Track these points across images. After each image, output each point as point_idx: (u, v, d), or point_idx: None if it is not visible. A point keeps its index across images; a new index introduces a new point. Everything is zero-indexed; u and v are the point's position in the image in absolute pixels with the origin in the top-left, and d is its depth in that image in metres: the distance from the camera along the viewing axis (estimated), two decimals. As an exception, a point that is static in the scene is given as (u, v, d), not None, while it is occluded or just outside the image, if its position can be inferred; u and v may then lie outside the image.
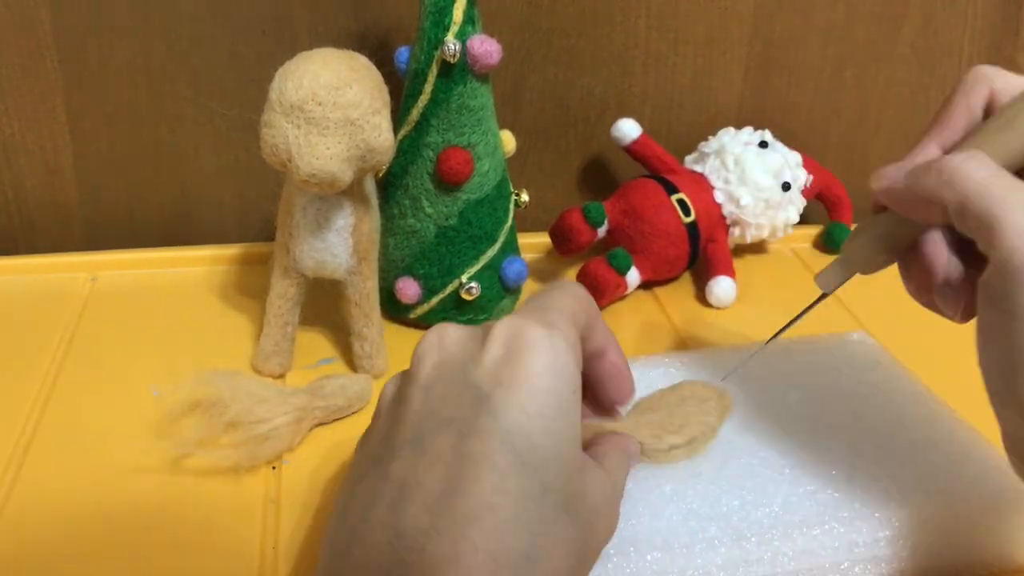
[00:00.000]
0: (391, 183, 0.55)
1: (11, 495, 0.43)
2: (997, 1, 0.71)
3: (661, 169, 0.65)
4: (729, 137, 0.65)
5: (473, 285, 0.55)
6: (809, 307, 0.44)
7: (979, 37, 0.72)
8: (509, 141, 0.57)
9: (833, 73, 0.71)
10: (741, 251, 0.68)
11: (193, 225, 0.67)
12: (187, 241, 0.66)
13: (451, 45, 0.50)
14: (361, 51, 0.47)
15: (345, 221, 0.49)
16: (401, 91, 0.54)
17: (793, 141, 0.68)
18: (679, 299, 0.63)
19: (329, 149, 0.44)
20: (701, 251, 0.63)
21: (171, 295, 0.60)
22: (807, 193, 0.67)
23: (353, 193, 0.49)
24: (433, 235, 0.54)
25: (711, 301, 0.62)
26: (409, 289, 0.55)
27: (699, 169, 0.65)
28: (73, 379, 0.52)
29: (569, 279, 0.63)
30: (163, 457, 0.45)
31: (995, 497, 0.40)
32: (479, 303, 0.56)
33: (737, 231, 0.64)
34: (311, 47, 0.46)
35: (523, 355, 0.32)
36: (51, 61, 0.61)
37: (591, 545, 0.33)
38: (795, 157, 0.65)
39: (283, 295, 0.51)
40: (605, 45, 0.66)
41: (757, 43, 0.69)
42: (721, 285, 0.61)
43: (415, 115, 0.52)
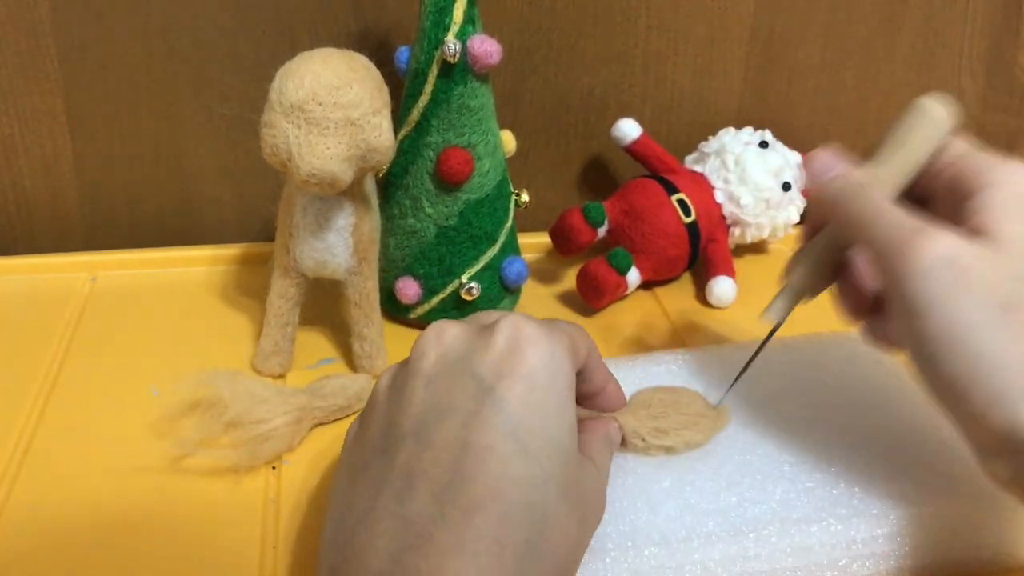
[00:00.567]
0: (391, 183, 0.55)
1: (11, 495, 0.43)
2: (997, 1, 0.71)
3: (661, 169, 0.65)
4: (729, 137, 0.65)
5: (473, 285, 0.55)
6: (764, 342, 0.45)
7: (979, 37, 0.72)
8: (509, 141, 0.57)
9: (833, 73, 0.71)
10: (741, 251, 0.68)
11: (193, 225, 0.67)
12: (187, 241, 0.66)
13: (451, 45, 0.50)
14: (361, 51, 0.47)
15: (345, 221, 0.49)
16: (401, 91, 0.54)
17: (793, 141, 0.68)
18: (679, 299, 0.63)
19: (329, 149, 0.44)
20: (701, 251, 0.63)
21: (171, 295, 0.60)
22: (807, 193, 0.67)
23: (353, 193, 0.49)
24: (433, 235, 0.54)
25: (711, 301, 0.62)
26: (409, 289, 0.55)
27: (699, 169, 0.65)
28: (73, 379, 0.52)
29: (570, 280, 0.63)
30: (163, 457, 0.45)
31: (993, 495, 0.40)
32: (479, 303, 0.56)
33: (737, 231, 0.64)
34: (311, 47, 0.46)
35: (525, 350, 0.33)
36: (51, 61, 0.61)
37: (585, 533, 0.34)
38: (795, 157, 0.65)
39: (283, 295, 0.51)
40: (605, 45, 0.66)
41: (757, 43, 0.69)
42: (721, 285, 0.61)
43: (415, 115, 0.52)
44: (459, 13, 0.50)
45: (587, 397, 0.40)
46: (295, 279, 0.51)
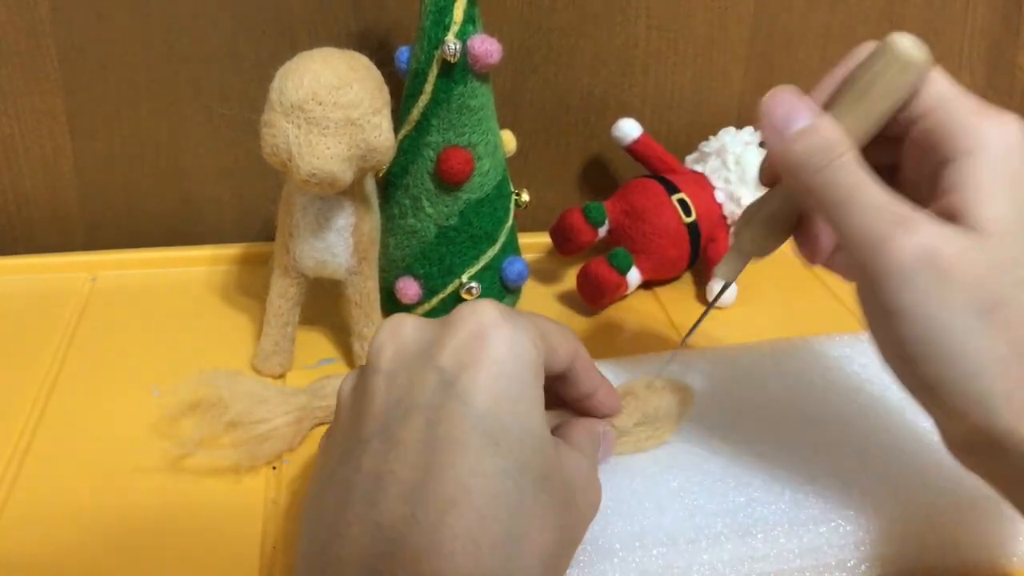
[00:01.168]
0: (391, 183, 0.55)
1: (11, 495, 0.43)
2: (997, 1, 0.71)
3: (662, 169, 0.65)
4: (730, 137, 0.65)
5: (473, 285, 0.55)
6: (714, 300, 0.45)
7: (979, 37, 0.72)
8: (509, 141, 0.57)
9: (833, 73, 0.71)
10: (741, 251, 0.68)
11: (193, 225, 0.67)
12: (187, 241, 0.66)
13: (451, 45, 0.50)
14: (361, 51, 0.47)
15: (345, 221, 0.49)
16: (401, 91, 0.54)
17: (793, 141, 0.68)
18: (679, 299, 0.63)
19: (329, 149, 0.44)
20: (702, 251, 0.63)
21: (171, 295, 0.60)
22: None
23: (353, 193, 0.49)
24: (433, 235, 0.54)
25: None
26: (409, 289, 0.55)
27: (700, 169, 0.65)
28: (73, 379, 0.51)
29: (570, 280, 0.63)
30: (163, 457, 0.45)
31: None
32: (479, 303, 0.56)
33: (737, 231, 0.64)
34: (311, 47, 0.46)
35: (487, 337, 0.32)
36: (51, 61, 0.61)
37: (573, 521, 0.33)
38: (795, 157, 0.65)
39: (283, 295, 0.51)
40: (605, 45, 0.66)
41: (757, 43, 0.69)
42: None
43: (415, 115, 0.52)
44: (459, 13, 0.50)
45: (578, 401, 0.39)
46: (295, 279, 0.51)
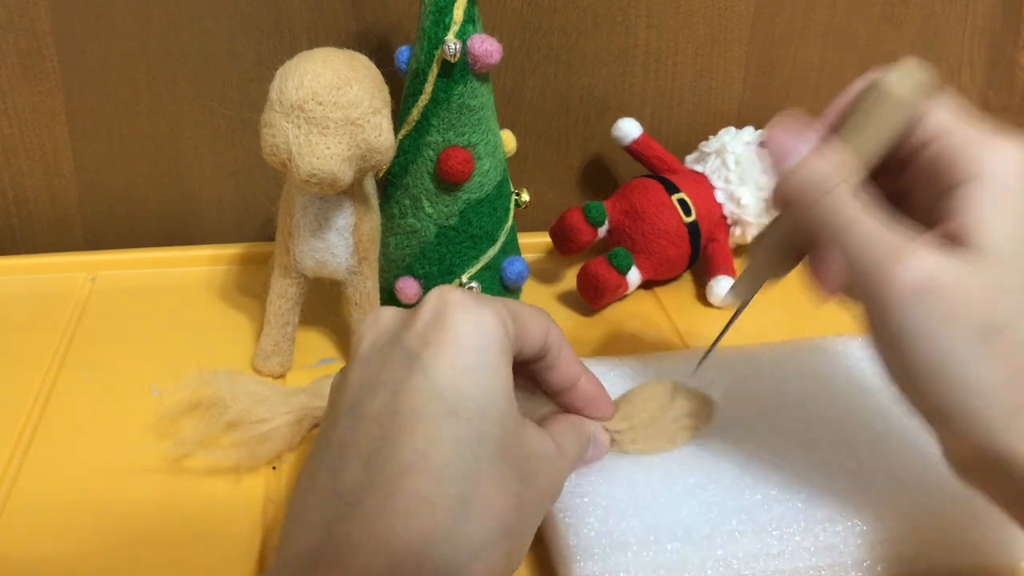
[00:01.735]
0: (391, 183, 0.55)
1: (11, 495, 0.43)
2: (997, 1, 0.71)
3: (661, 169, 0.65)
4: (730, 137, 0.65)
5: (473, 285, 0.55)
6: (731, 320, 0.44)
7: (979, 37, 0.72)
8: (509, 141, 0.57)
9: (833, 73, 0.71)
10: (742, 251, 0.68)
11: (193, 225, 0.67)
12: (187, 241, 0.66)
13: (451, 45, 0.50)
14: (361, 51, 0.47)
15: (345, 221, 0.49)
16: (401, 91, 0.54)
17: (793, 141, 0.68)
18: (679, 299, 0.63)
19: (329, 149, 0.44)
20: (702, 251, 0.63)
21: (171, 295, 0.60)
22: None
23: (353, 193, 0.49)
24: (433, 235, 0.54)
25: (712, 301, 0.62)
26: (409, 289, 0.55)
27: (700, 169, 0.65)
28: (73, 379, 0.51)
29: (570, 280, 0.63)
30: (163, 457, 0.45)
31: None
32: (479, 303, 0.56)
33: (738, 231, 0.64)
34: (311, 47, 0.46)
35: (448, 316, 0.33)
36: (51, 61, 0.61)
37: (532, 497, 0.34)
38: (795, 157, 0.65)
39: (283, 295, 0.51)
40: (605, 45, 0.66)
41: (757, 43, 0.69)
42: (722, 285, 0.61)
43: (415, 115, 0.52)
44: (459, 13, 0.50)
45: (561, 393, 0.39)
46: (295, 279, 0.51)
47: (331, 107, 0.43)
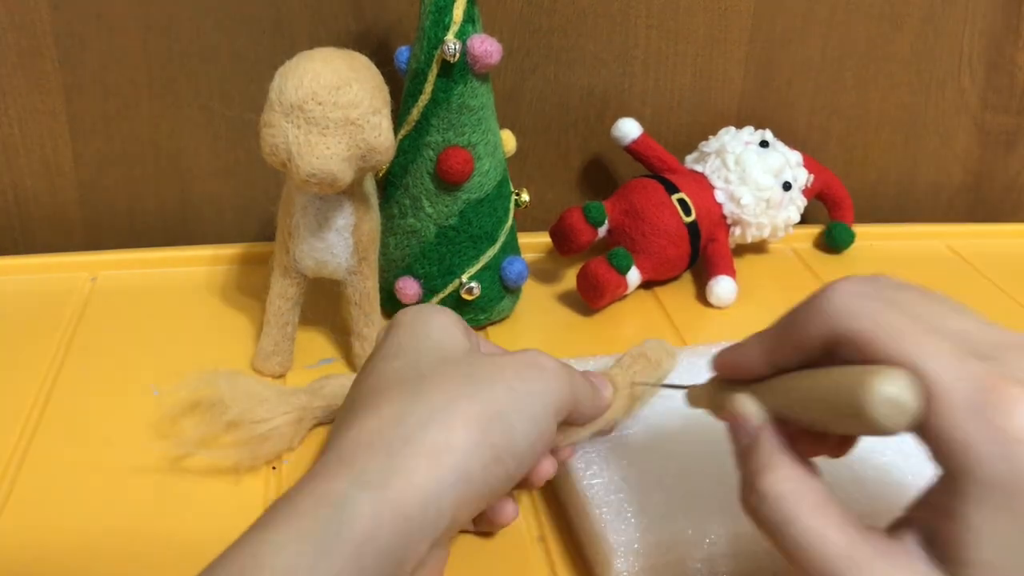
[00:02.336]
0: (391, 183, 0.55)
1: (11, 495, 0.43)
2: (997, 1, 0.71)
3: (661, 169, 0.65)
4: (730, 137, 0.65)
5: (473, 285, 0.55)
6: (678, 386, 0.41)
7: (979, 37, 0.72)
8: (509, 141, 0.57)
9: (833, 73, 0.71)
10: (742, 251, 0.68)
11: (193, 225, 0.67)
12: (187, 241, 0.66)
13: (451, 45, 0.50)
14: (361, 51, 0.47)
15: (345, 221, 0.49)
16: (401, 91, 0.54)
17: (793, 141, 0.68)
18: (679, 299, 0.63)
19: (329, 149, 0.44)
20: (702, 251, 0.63)
21: (171, 295, 0.60)
22: (808, 193, 0.67)
23: (353, 193, 0.49)
24: (433, 235, 0.54)
25: (711, 301, 0.62)
26: (409, 289, 0.55)
27: (700, 169, 0.65)
28: (73, 379, 0.51)
29: (570, 280, 0.63)
30: (163, 457, 0.45)
31: None
32: (479, 303, 0.56)
33: (738, 231, 0.64)
34: (311, 47, 0.46)
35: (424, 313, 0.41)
36: (51, 61, 0.61)
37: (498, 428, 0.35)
38: (796, 156, 0.65)
39: (283, 295, 0.51)
40: (605, 45, 0.66)
41: (757, 43, 0.69)
42: (721, 285, 0.61)
43: (415, 115, 0.52)
44: (459, 13, 0.50)
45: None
46: (295, 279, 0.51)
47: (331, 107, 0.43)
